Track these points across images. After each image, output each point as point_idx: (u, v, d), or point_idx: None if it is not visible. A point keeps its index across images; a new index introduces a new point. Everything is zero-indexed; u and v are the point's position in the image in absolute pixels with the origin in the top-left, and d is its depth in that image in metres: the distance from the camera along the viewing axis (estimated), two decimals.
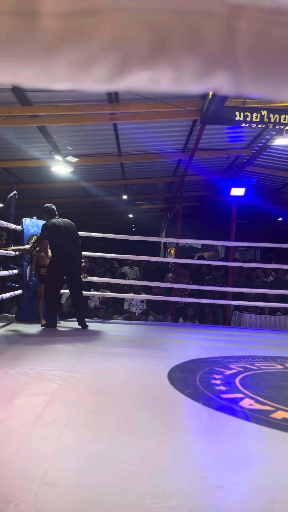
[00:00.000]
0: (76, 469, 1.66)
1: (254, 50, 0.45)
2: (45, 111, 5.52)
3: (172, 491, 1.53)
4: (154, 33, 0.44)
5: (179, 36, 0.44)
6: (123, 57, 0.46)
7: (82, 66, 0.47)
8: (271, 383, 3.04)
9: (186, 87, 0.50)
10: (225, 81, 0.48)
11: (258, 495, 1.55)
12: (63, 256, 4.87)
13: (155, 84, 0.49)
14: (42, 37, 0.44)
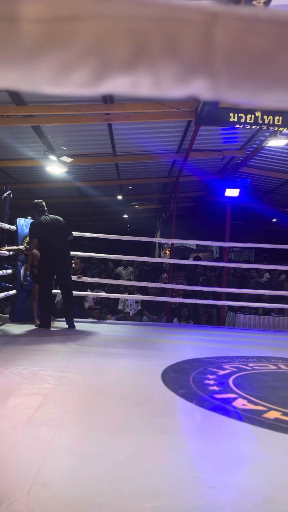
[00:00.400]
0: (68, 469, 1.66)
1: (230, 57, 0.45)
2: (40, 111, 5.51)
3: (165, 491, 1.53)
4: (134, 39, 0.45)
5: (158, 42, 0.45)
6: (103, 62, 0.46)
7: (62, 71, 0.47)
8: (264, 383, 3.05)
9: (165, 92, 0.51)
10: (203, 87, 0.48)
11: (250, 495, 1.56)
12: (52, 254, 4.86)
13: (135, 88, 0.50)
14: (23, 42, 0.45)
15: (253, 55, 0.45)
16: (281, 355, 4.11)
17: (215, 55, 0.45)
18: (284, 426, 2.21)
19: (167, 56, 0.46)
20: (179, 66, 0.47)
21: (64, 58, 0.46)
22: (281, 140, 6.15)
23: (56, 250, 4.89)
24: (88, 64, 0.46)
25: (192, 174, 9.42)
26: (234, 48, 0.45)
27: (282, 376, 3.33)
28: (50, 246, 4.86)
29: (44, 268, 4.87)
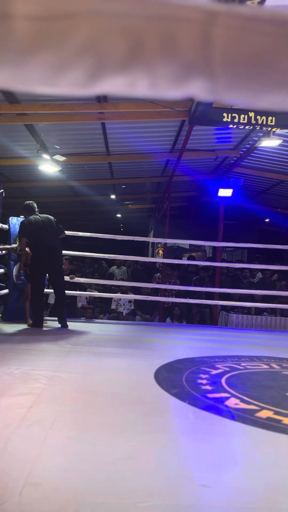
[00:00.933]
0: (61, 469, 1.65)
1: (229, 57, 0.45)
2: (33, 109, 5.49)
3: (157, 490, 1.53)
4: (129, 38, 0.44)
5: (155, 41, 0.44)
6: (98, 61, 0.45)
7: (56, 70, 0.46)
8: (257, 382, 3.07)
9: (162, 92, 0.50)
10: (201, 88, 0.47)
11: (243, 494, 1.56)
12: (42, 253, 4.85)
13: (131, 89, 0.49)
14: (15, 40, 0.44)
15: (252, 55, 0.44)
16: (273, 355, 4.13)
17: (213, 55, 0.44)
18: (276, 425, 2.22)
19: (164, 55, 0.45)
20: (176, 66, 0.46)
21: (58, 57, 0.45)
22: (274, 141, 6.18)
23: (47, 249, 4.87)
24: (82, 64, 0.45)
25: (185, 174, 9.44)
26: (232, 48, 0.44)
27: (275, 375, 3.34)
28: (40, 245, 4.84)
29: (35, 267, 4.86)
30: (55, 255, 4.98)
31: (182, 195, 12.54)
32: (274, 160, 8.14)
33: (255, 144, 6.86)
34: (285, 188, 10.05)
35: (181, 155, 7.61)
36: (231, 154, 8.20)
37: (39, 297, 4.97)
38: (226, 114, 5.06)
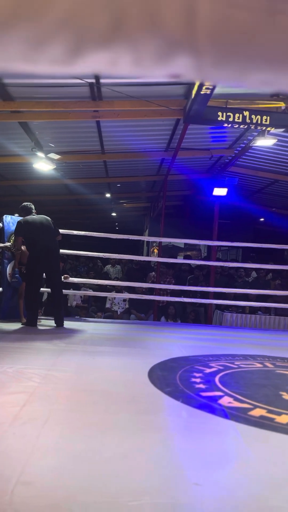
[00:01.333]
0: (54, 468, 1.64)
1: (214, 33, 0.43)
2: (27, 107, 5.46)
3: (150, 488, 1.53)
4: (111, 11, 0.42)
5: (137, 15, 0.42)
6: (79, 36, 0.44)
7: (36, 45, 0.44)
8: (250, 381, 3.07)
9: (146, 70, 0.48)
10: (186, 65, 0.46)
11: (235, 492, 1.57)
12: (39, 252, 4.82)
13: (114, 66, 0.47)
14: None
15: (239, 31, 0.43)
16: (267, 354, 4.14)
17: (199, 30, 0.43)
18: (269, 424, 2.22)
19: (147, 30, 0.43)
20: (160, 42, 0.44)
21: (38, 30, 0.43)
22: (269, 140, 6.20)
23: (43, 249, 4.85)
24: (63, 38, 0.44)
25: (180, 173, 9.44)
26: (219, 24, 0.42)
27: (268, 374, 3.35)
28: (38, 245, 4.83)
29: (31, 266, 4.84)
30: (52, 255, 4.96)
31: (177, 194, 12.54)
32: (269, 159, 8.16)
33: (250, 143, 6.87)
34: (279, 187, 10.08)
35: (176, 154, 7.60)
36: (226, 153, 8.22)
37: (34, 296, 4.94)
38: (221, 113, 5.07)
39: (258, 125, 5.22)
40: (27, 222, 4.89)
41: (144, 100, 5.27)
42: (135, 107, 5.43)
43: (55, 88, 5.14)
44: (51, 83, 5.00)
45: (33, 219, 4.95)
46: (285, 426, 2.20)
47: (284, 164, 8.25)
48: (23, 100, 5.41)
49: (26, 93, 5.27)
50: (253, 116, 5.15)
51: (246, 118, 5.14)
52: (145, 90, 5.25)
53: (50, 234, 4.99)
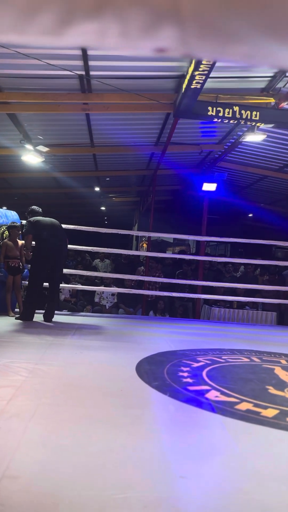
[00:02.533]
0: (39, 462, 1.64)
1: (198, 5, 0.43)
2: (16, 98, 5.38)
3: (136, 482, 1.53)
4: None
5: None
6: (68, 6, 0.44)
7: (26, 15, 0.44)
8: (237, 375, 3.10)
9: (133, 43, 0.48)
10: (171, 37, 0.46)
11: (221, 485, 1.58)
12: (49, 252, 4.88)
13: (102, 38, 0.47)
14: None
15: (222, 3, 0.43)
16: (254, 348, 4.17)
17: (183, 1, 0.43)
18: (255, 417, 2.24)
19: (135, 1, 0.44)
20: (146, 13, 0.45)
21: (26, 1, 0.43)
22: (258, 136, 6.21)
23: (54, 248, 4.92)
24: (52, 9, 0.44)
25: (170, 168, 9.42)
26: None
27: (255, 368, 3.38)
28: (47, 243, 4.88)
29: (40, 265, 4.88)
30: (60, 255, 5.06)
31: (166, 188, 12.53)
32: (258, 155, 8.19)
33: (240, 139, 6.88)
34: (268, 183, 10.13)
35: (166, 149, 7.58)
36: (216, 148, 8.22)
37: (37, 294, 4.98)
38: (211, 108, 5.06)
39: (248, 120, 5.23)
40: (38, 221, 4.96)
41: (134, 94, 5.23)
42: (125, 100, 5.39)
43: (44, 80, 5.08)
44: (40, 75, 4.94)
45: (44, 219, 5.04)
46: (270, 420, 2.22)
47: (273, 160, 8.29)
48: (12, 91, 5.33)
49: (14, 84, 5.20)
50: (243, 112, 5.16)
51: (236, 113, 5.14)
52: (135, 83, 5.21)
53: (60, 234, 5.06)
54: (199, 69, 4.06)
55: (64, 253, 5.18)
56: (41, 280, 4.98)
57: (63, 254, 5.17)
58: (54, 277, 5.03)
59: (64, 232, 5.19)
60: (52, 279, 5.03)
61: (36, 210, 5.17)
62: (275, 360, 3.72)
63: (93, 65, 4.76)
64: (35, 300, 4.96)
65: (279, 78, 5.07)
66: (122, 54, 3.63)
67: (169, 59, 4.66)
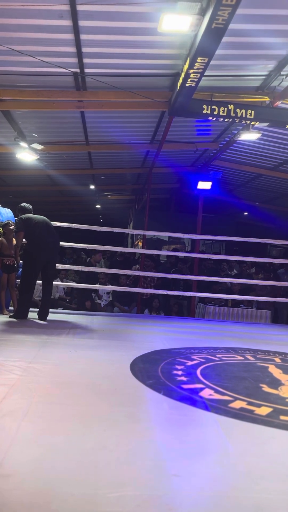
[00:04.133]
0: (33, 460, 1.63)
1: None
2: (10, 95, 5.36)
3: (129, 480, 1.53)
4: None
5: None
6: None
7: None
8: (231, 373, 3.11)
9: None
10: None
11: (214, 483, 1.58)
12: (42, 250, 4.85)
13: None
14: None
15: None
16: (248, 346, 4.18)
17: None
18: (248, 415, 2.25)
19: None
20: None
21: None
22: (253, 134, 6.22)
23: (47, 247, 4.90)
24: None
25: (165, 166, 9.42)
26: None
27: (249, 366, 3.39)
28: (40, 242, 4.86)
29: (33, 262, 4.85)
30: (54, 253, 5.06)
31: (162, 187, 12.52)
32: (253, 153, 8.20)
33: (235, 137, 6.89)
34: (263, 181, 10.15)
35: (161, 147, 7.58)
36: (211, 147, 8.22)
37: (30, 291, 4.95)
38: (206, 106, 5.05)
39: (243, 119, 5.22)
40: (30, 218, 4.93)
41: (129, 91, 5.22)
42: (119, 98, 5.38)
43: (38, 77, 5.05)
44: (35, 72, 4.92)
45: (35, 217, 5.01)
46: (264, 418, 2.23)
47: (268, 159, 8.31)
48: (6, 88, 5.30)
49: (8, 81, 5.16)
50: (238, 110, 5.15)
51: (231, 111, 5.13)
52: (130, 81, 5.20)
53: (53, 233, 5.04)
54: (194, 67, 4.05)
55: (56, 250, 5.18)
56: (34, 278, 4.95)
57: (56, 252, 5.17)
58: (48, 275, 5.01)
59: (55, 230, 5.16)
60: (46, 277, 5.01)
61: (27, 207, 5.14)
62: (269, 358, 3.74)
63: (88, 63, 4.74)
64: (28, 298, 4.94)
65: (274, 77, 5.08)
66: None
67: (164, 57, 4.66)
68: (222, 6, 3.06)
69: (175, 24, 3.47)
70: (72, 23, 3.93)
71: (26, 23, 3.96)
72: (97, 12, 3.77)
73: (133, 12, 3.77)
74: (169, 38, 4.16)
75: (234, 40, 4.19)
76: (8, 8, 3.67)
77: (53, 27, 4.05)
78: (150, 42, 4.29)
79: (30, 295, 5.01)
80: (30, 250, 4.88)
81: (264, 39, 4.25)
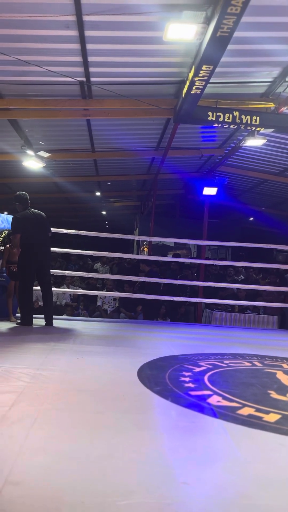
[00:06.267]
0: (42, 467, 1.64)
1: None
2: (17, 104, 5.42)
3: (138, 488, 1.53)
4: None
5: None
6: None
7: None
8: (239, 380, 3.09)
9: None
10: None
11: (223, 491, 1.57)
12: (33, 248, 4.79)
13: None
14: None
15: None
16: (255, 352, 4.17)
17: None
18: (257, 422, 2.24)
19: None
20: None
21: None
22: (258, 140, 6.23)
23: (38, 245, 4.84)
24: None
25: (170, 172, 9.45)
26: None
27: (256, 373, 3.37)
28: (32, 240, 4.78)
29: (26, 263, 4.78)
30: (45, 252, 4.96)
31: (167, 193, 12.56)
32: (258, 159, 8.21)
33: (240, 143, 6.91)
34: (269, 187, 10.15)
35: (166, 153, 7.61)
36: (216, 153, 8.24)
37: (29, 294, 4.89)
38: (211, 113, 5.08)
39: (248, 125, 5.24)
40: (24, 217, 4.83)
41: (134, 99, 5.26)
42: (125, 106, 5.42)
43: (45, 86, 5.11)
44: (41, 81, 4.97)
45: (29, 214, 4.89)
46: (273, 425, 2.22)
47: (273, 164, 8.32)
48: (13, 97, 5.36)
49: (15, 91, 5.23)
50: (243, 116, 5.18)
51: (236, 118, 5.16)
52: (135, 89, 5.24)
53: (44, 230, 4.97)
54: (199, 75, 4.08)
55: (48, 249, 5.05)
56: (32, 280, 4.87)
57: (48, 250, 5.04)
58: (44, 278, 4.96)
59: (48, 225, 5.03)
60: (42, 280, 4.97)
61: (24, 197, 4.91)
62: (277, 364, 3.72)
63: (94, 72, 4.79)
64: (28, 301, 4.88)
65: (278, 83, 5.10)
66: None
67: (170, 65, 4.70)
68: (227, 15, 3.09)
69: (180, 33, 3.51)
70: (78, 33, 3.99)
71: (33, 33, 4.02)
72: (103, 22, 3.82)
73: (139, 22, 3.82)
74: (174, 47, 4.20)
75: (239, 47, 4.22)
76: (15, 19, 3.72)
77: (59, 37, 4.11)
78: (155, 50, 4.34)
79: (31, 300, 4.95)
80: (25, 252, 4.76)
81: (268, 46, 4.28)
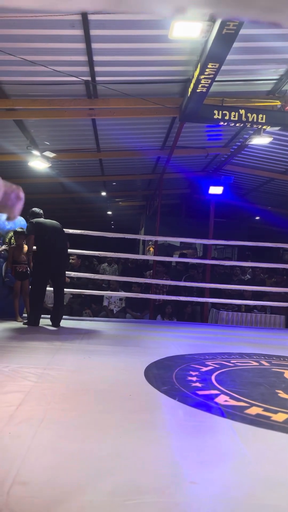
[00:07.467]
0: (49, 467, 1.64)
1: None
2: (22, 104, 5.43)
3: (146, 487, 1.52)
4: None
5: None
6: None
7: None
8: (246, 379, 3.08)
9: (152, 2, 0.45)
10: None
11: (231, 490, 1.56)
12: (50, 253, 4.87)
13: None
14: None
15: None
16: (263, 352, 4.14)
17: None
18: (265, 422, 2.22)
19: None
20: None
21: None
22: (265, 138, 6.20)
23: (55, 250, 4.92)
24: None
25: (176, 171, 9.43)
26: None
27: (264, 372, 3.35)
28: (49, 245, 4.88)
29: (42, 267, 4.87)
30: (62, 258, 5.06)
31: (173, 192, 12.53)
32: (264, 158, 8.17)
33: (246, 142, 6.87)
34: (275, 186, 10.10)
35: (172, 152, 7.60)
36: (222, 152, 8.21)
37: (40, 297, 4.95)
38: (217, 111, 5.06)
39: (254, 123, 5.22)
40: (39, 222, 4.96)
41: (140, 98, 5.25)
42: (130, 105, 5.42)
43: (50, 86, 5.11)
44: (47, 81, 4.98)
45: (45, 221, 5.04)
46: (281, 424, 2.20)
47: (279, 163, 8.27)
48: (18, 97, 5.37)
49: (21, 91, 5.24)
50: (249, 115, 5.15)
51: (242, 116, 5.13)
52: (141, 88, 5.23)
53: (62, 237, 5.06)
54: (205, 73, 4.07)
55: (65, 255, 5.17)
56: (44, 285, 4.96)
57: (64, 256, 5.17)
58: (58, 281, 5.02)
59: (65, 235, 5.18)
60: (56, 283, 5.02)
61: (37, 211, 5.15)
62: (284, 364, 3.70)
63: (99, 71, 4.79)
64: (39, 305, 4.95)
65: (285, 81, 5.07)
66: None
67: (175, 63, 4.68)
68: None
69: (185, 30, 3.50)
70: (83, 32, 3.98)
71: (38, 33, 4.03)
72: (108, 20, 3.82)
73: (144, 20, 3.81)
74: (179, 45, 4.18)
75: (245, 45, 4.20)
76: (20, 19, 3.73)
77: (65, 37, 4.11)
78: (160, 49, 4.33)
79: (41, 302, 5.02)
80: (38, 255, 4.89)
81: (274, 43, 4.26)
